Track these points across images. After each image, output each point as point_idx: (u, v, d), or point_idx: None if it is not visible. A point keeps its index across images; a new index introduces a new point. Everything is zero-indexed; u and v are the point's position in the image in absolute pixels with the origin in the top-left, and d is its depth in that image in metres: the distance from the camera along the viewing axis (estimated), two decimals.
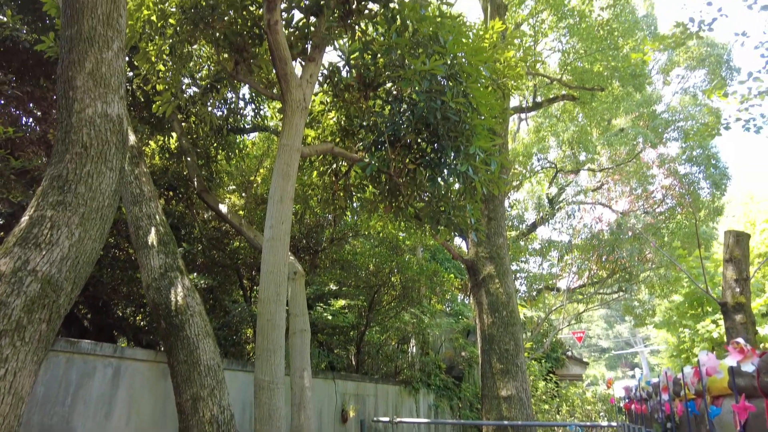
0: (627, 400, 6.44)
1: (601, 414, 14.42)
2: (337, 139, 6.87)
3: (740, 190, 33.79)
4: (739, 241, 6.62)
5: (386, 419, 9.09)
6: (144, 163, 5.93)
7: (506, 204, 19.41)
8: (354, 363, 12.55)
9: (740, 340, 2.40)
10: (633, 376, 40.49)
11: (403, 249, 11.40)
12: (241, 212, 10.60)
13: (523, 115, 17.09)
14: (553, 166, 17.63)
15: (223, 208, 7.38)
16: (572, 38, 11.52)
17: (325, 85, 6.31)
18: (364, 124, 6.46)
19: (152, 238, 4.99)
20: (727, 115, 8.46)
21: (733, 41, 16.55)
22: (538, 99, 13.24)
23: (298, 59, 6.18)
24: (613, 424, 7.35)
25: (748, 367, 2.28)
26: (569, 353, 18.15)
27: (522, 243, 18.99)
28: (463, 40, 6.13)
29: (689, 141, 15.46)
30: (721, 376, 2.77)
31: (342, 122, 6.79)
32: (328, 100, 6.73)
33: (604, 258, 16.87)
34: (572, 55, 11.67)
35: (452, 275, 12.41)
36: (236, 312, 8.43)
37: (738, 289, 6.44)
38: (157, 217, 5.25)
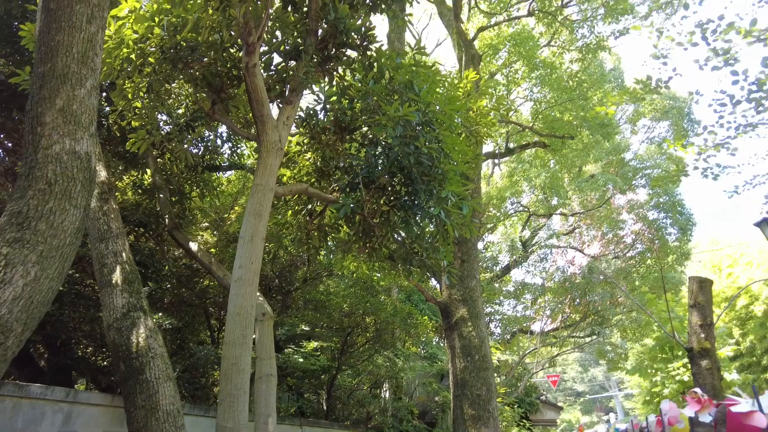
0: None
1: None
2: (313, 180, 6.92)
3: (706, 235, 34.91)
4: (702, 287, 6.79)
5: None
6: (114, 199, 5.84)
7: (481, 246, 19.60)
8: (324, 408, 12.17)
9: (698, 390, 2.44)
10: (608, 421, 40.19)
11: (377, 290, 11.32)
12: (213, 250, 10.43)
13: (497, 160, 17.54)
14: (526, 210, 18.00)
15: (194, 245, 7.27)
16: (543, 88, 12.05)
17: (302, 128, 6.40)
18: (340, 165, 6.54)
19: (117, 276, 4.86)
20: (688, 164, 8.85)
21: (690, 98, 17.47)
22: (511, 145, 13.65)
23: (276, 101, 6.28)
24: None
25: (706, 418, 2.31)
26: (543, 397, 17.97)
27: (497, 285, 19.09)
28: (438, 89, 6.35)
29: (655, 188, 16.03)
30: (682, 425, 2.79)
31: (318, 163, 6.86)
32: (305, 141, 6.81)
33: (576, 301, 17.04)
34: (543, 104, 12.16)
35: (426, 317, 12.32)
36: (201, 354, 8.15)
37: (703, 335, 6.55)
38: (124, 254, 5.13)
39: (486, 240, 20.40)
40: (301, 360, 12.00)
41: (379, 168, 5.83)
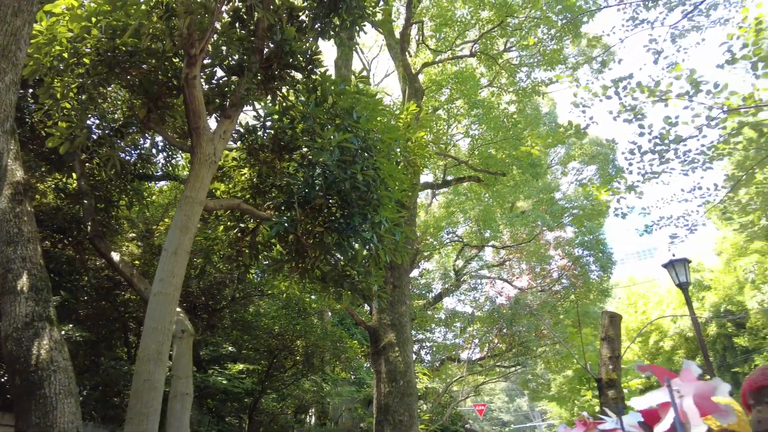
0: None
1: None
2: (248, 196, 6.85)
3: (625, 273, 37.38)
4: (612, 321, 7.27)
5: None
6: (29, 202, 5.50)
7: (416, 273, 19.92)
8: None
9: (585, 413, 2.63)
10: None
11: (309, 312, 11.19)
12: (137, 262, 9.96)
13: (435, 191, 18.06)
14: (461, 240, 18.55)
15: (116, 256, 6.93)
16: (481, 126, 12.67)
17: (240, 143, 6.36)
18: (277, 183, 6.53)
19: (23, 282, 4.55)
20: (609, 206, 9.57)
21: (610, 145, 18.95)
22: (449, 177, 14.15)
23: (215, 114, 6.23)
24: None
25: None
26: (468, 425, 18.24)
27: (429, 312, 19.38)
28: (379, 118, 6.55)
29: (581, 227, 17.06)
30: None
31: (254, 180, 6.80)
32: (242, 156, 6.76)
33: (504, 331, 17.61)
34: (480, 141, 12.78)
35: (356, 342, 12.29)
36: (115, 371, 7.69)
37: (611, 366, 6.99)
38: (33, 260, 4.82)
39: (422, 267, 20.76)
40: (224, 381, 11.57)
41: (316, 189, 5.88)
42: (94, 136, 7.03)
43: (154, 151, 9.40)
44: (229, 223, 7.27)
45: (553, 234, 18.24)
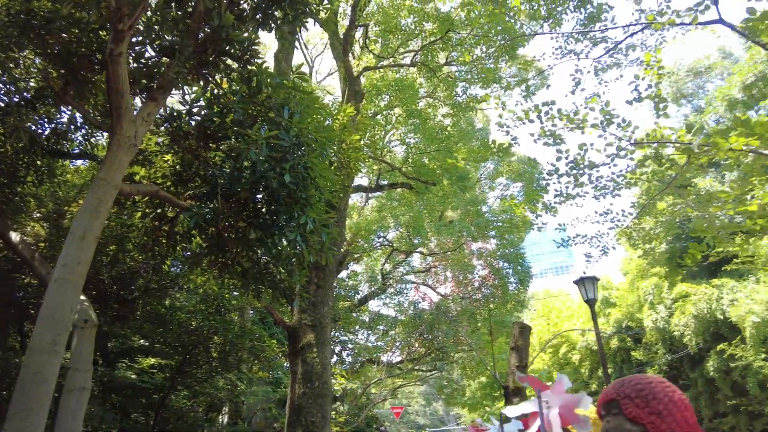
0: None
1: None
2: (169, 183, 6.56)
3: (542, 286, 39.57)
4: (522, 332, 7.67)
5: None
6: None
7: (344, 274, 19.93)
8: (154, 430, 11.16)
9: (479, 420, 2.78)
10: None
11: (228, 308, 10.87)
12: (42, 244, 9.22)
13: (369, 194, 18.20)
14: (390, 244, 18.81)
15: (15, 236, 6.39)
16: (417, 135, 12.97)
17: (164, 128, 6.08)
18: (201, 173, 6.31)
19: None
20: (532, 222, 10.12)
21: (533, 164, 20.05)
22: (383, 182, 14.33)
23: (140, 95, 5.93)
24: None
25: None
26: (383, 428, 18.46)
27: (354, 314, 19.46)
28: (314, 116, 6.51)
29: (503, 240, 17.86)
30: None
31: (177, 167, 6.53)
32: (165, 142, 6.47)
33: (424, 336, 18.03)
34: (414, 150, 13.06)
35: (275, 342, 12.09)
36: (2, 362, 7.08)
37: (518, 375, 7.35)
38: None
39: (350, 269, 20.81)
40: (133, 376, 10.97)
41: (242, 182, 5.74)
42: (1, 104, 6.46)
43: (72, 127, 8.78)
44: (146, 210, 6.91)
45: (477, 245, 18.96)
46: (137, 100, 6.32)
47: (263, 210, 6.05)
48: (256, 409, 13.30)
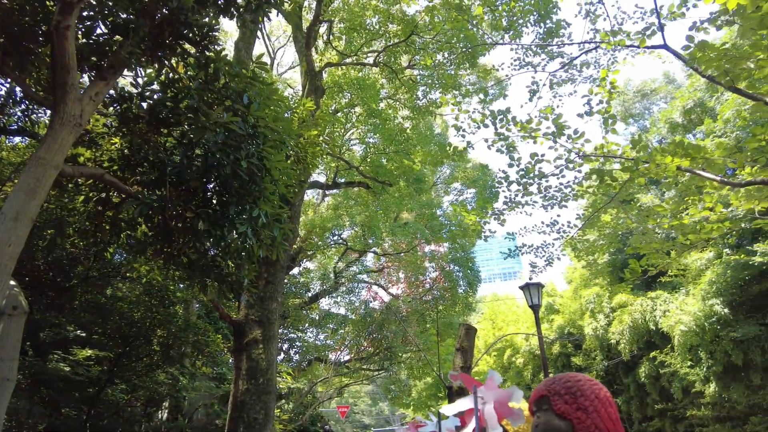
0: None
1: None
2: (116, 167, 6.28)
3: (490, 291, 40.60)
4: (468, 333, 7.84)
5: None
6: None
7: (296, 271, 19.72)
8: (87, 426, 10.63)
9: (419, 417, 2.83)
10: None
11: (173, 301, 10.52)
12: None
13: (326, 191, 18.11)
14: (345, 243, 18.78)
15: None
16: (376, 135, 13.02)
17: (112, 109, 5.83)
18: (150, 159, 6.08)
19: None
20: (483, 228, 10.38)
21: (485, 171, 20.58)
22: (340, 180, 14.29)
23: (87, 74, 5.65)
24: None
25: None
26: (328, 427, 18.39)
27: (304, 312, 19.29)
28: (272, 107, 6.40)
29: (455, 243, 18.20)
30: None
31: (125, 151, 6.26)
32: (114, 124, 6.19)
33: (374, 335, 18.11)
34: (373, 150, 13.11)
35: (220, 336, 11.81)
36: None
37: (451, 373, 7.51)
38: None
39: (303, 266, 20.61)
40: (66, 368, 10.42)
41: (193, 170, 5.58)
42: None
43: (10, 101, 8.26)
44: (90, 194, 6.59)
45: (430, 247, 19.22)
46: (85, 78, 6.03)
47: (213, 201, 5.90)
48: (197, 405, 12.93)
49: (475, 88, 12.79)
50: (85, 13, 5.66)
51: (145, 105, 6.04)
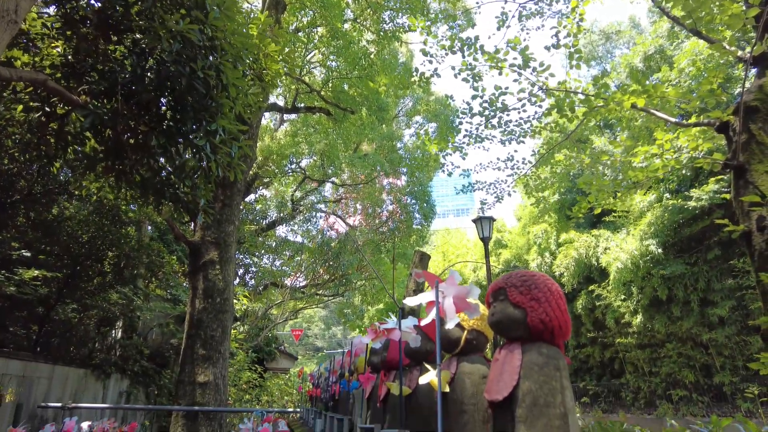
0: (311, 387, 7.16)
1: (295, 403, 15.56)
2: (59, 75, 5.84)
3: (442, 225, 41.85)
4: (422, 259, 8.15)
5: (58, 405, 7.92)
6: None
7: (252, 198, 19.49)
8: (37, 344, 10.55)
9: (377, 323, 2.99)
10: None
11: (124, 221, 10.25)
12: None
13: (284, 116, 17.57)
14: (303, 172, 18.57)
15: None
16: (339, 59, 12.52)
17: (54, 8, 5.33)
18: (98, 68, 5.68)
19: None
20: (443, 162, 10.52)
21: (451, 107, 20.49)
22: (300, 105, 13.85)
23: None
24: (298, 410, 8.04)
25: (377, 345, 2.87)
26: (282, 348, 19.08)
27: (260, 239, 19.30)
28: (233, 18, 6.02)
29: (413, 177, 18.38)
30: (364, 354, 3.37)
31: (69, 57, 5.80)
32: (56, 26, 5.69)
33: (330, 263, 18.47)
34: (336, 74, 12.66)
35: (175, 258, 11.73)
36: None
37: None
38: None
39: (259, 193, 20.35)
40: (12, 288, 10.17)
41: (145, 83, 5.27)
42: None
43: None
44: (31, 103, 6.14)
45: (388, 180, 19.35)
46: None
47: (167, 115, 5.64)
48: (152, 325, 13.03)
49: (444, 14, 12.37)
50: None
51: (87, 8, 5.54)
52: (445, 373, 2.27)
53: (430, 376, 1.99)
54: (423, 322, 2.23)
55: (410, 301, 2.40)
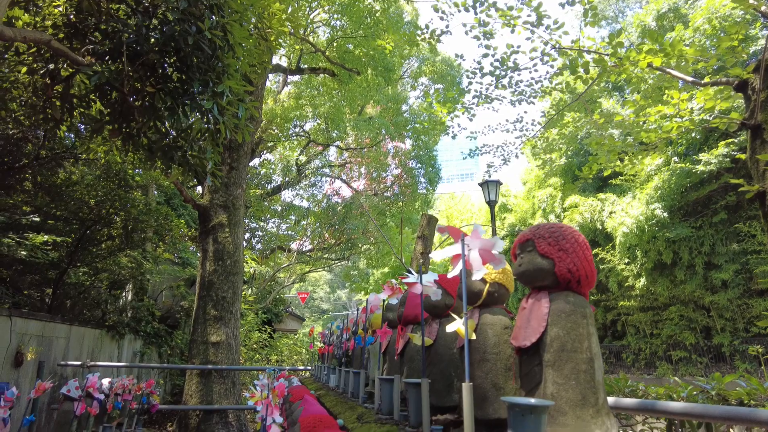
0: (322, 346, 7.32)
1: (305, 362, 15.98)
2: (62, 35, 5.73)
3: (447, 189, 41.79)
4: (429, 222, 8.18)
5: (77, 363, 8.17)
6: None
7: (257, 162, 19.43)
8: (49, 306, 10.78)
9: (393, 281, 3.03)
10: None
11: (131, 185, 10.27)
12: None
13: (288, 77, 17.27)
14: (307, 136, 18.42)
15: None
16: (343, 18, 12.18)
17: None
18: (102, 28, 5.56)
19: None
20: (449, 125, 10.40)
21: (459, 67, 20.07)
22: (304, 66, 13.58)
23: None
24: (309, 368, 8.24)
25: (393, 301, 2.92)
26: (289, 309, 19.43)
27: (266, 203, 19.35)
28: None
29: (419, 141, 18.20)
30: (379, 311, 3.44)
31: (71, 17, 5.68)
32: None
33: (335, 227, 18.57)
34: (340, 33, 12.34)
35: (183, 221, 11.80)
36: None
37: (422, 261, 7.96)
38: None
39: (263, 157, 20.26)
40: (23, 252, 10.31)
41: (151, 42, 5.17)
42: None
43: None
44: (35, 65, 6.05)
45: (393, 144, 19.18)
46: None
47: (174, 76, 5.56)
48: (162, 288, 13.24)
49: None
50: None
51: None
52: (470, 321, 2.33)
53: (456, 325, 2.03)
54: (450, 274, 2.27)
55: (437, 255, 2.43)
